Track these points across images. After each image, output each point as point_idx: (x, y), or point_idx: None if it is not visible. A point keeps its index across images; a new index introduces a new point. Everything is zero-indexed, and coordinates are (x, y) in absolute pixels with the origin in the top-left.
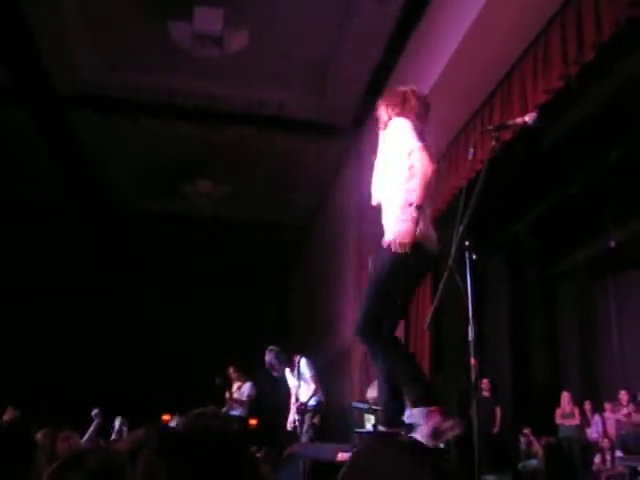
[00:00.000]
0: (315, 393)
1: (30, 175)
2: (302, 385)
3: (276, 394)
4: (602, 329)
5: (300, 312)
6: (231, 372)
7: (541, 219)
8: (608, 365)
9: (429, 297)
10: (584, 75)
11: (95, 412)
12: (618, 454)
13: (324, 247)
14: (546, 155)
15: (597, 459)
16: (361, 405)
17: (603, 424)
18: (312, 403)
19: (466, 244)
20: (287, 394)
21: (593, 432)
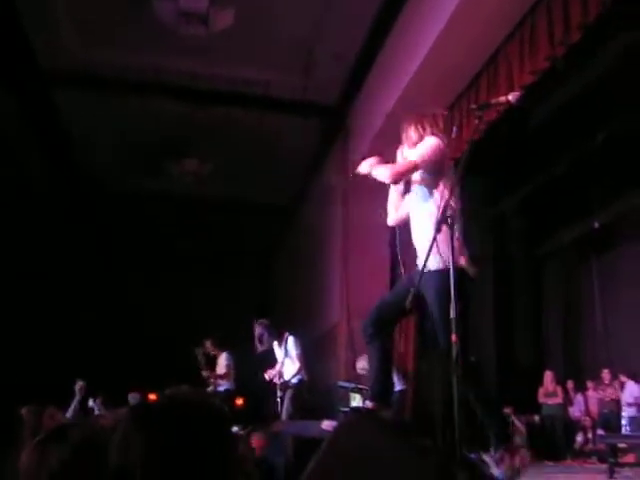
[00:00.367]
0: (299, 372)
1: (12, 155)
2: (287, 362)
3: (262, 371)
4: (586, 309)
5: (284, 293)
6: (209, 347)
7: (527, 199)
8: (591, 344)
9: None
10: (570, 56)
11: (79, 385)
12: (599, 432)
13: (310, 227)
14: (532, 136)
15: (579, 437)
16: (346, 384)
17: (585, 403)
18: (294, 381)
19: (449, 221)
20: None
21: (575, 411)
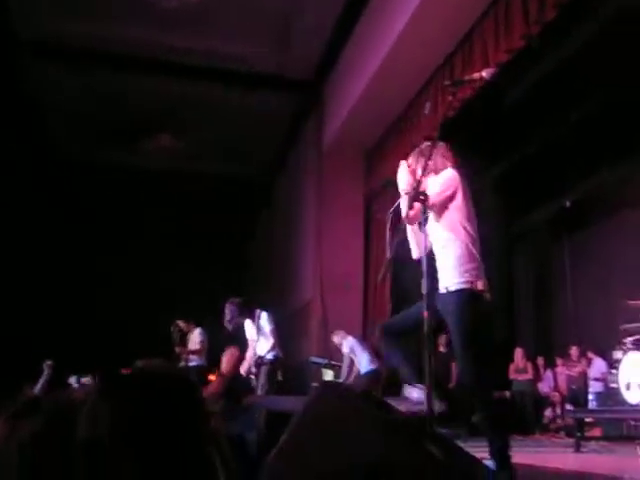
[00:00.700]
0: (273, 348)
1: None
2: (261, 339)
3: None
4: (557, 287)
5: (259, 269)
6: (181, 325)
7: (500, 178)
8: (561, 322)
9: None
10: (545, 35)
11: (47, 363)
12: (568, 407)
13: (284, 202)
14: (506, 115)
15: (548, 412)
16: (319, 360)
17: (555, 379)
18: (269, 357)
19: (421, 198)
20: (245, 346)
21: (545, 386)
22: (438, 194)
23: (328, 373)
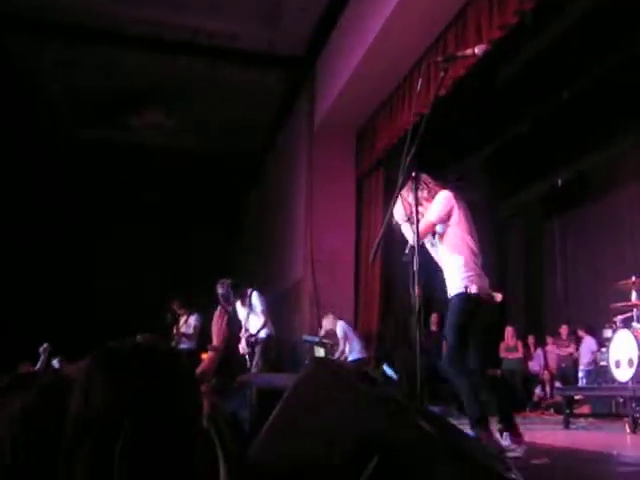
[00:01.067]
0: (264, 325)
1: None
2: (252, 317)
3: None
4: (547, 266)
5: (251, 247)
6: (176, 307)
7: (491, 158)
8: (552, 301)
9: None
10: (538, 11)
11: (43, 347)
12: (557, 385)
13: (276, 180)
14: (498, 93)
15: (538, 390)
16: (311, 338)
17: (545, 357)
18: (262, 336)
19: (412, 174)
20: (237, 327)
21: (535, 365)
22: (438, 213)
23: (320, 351)
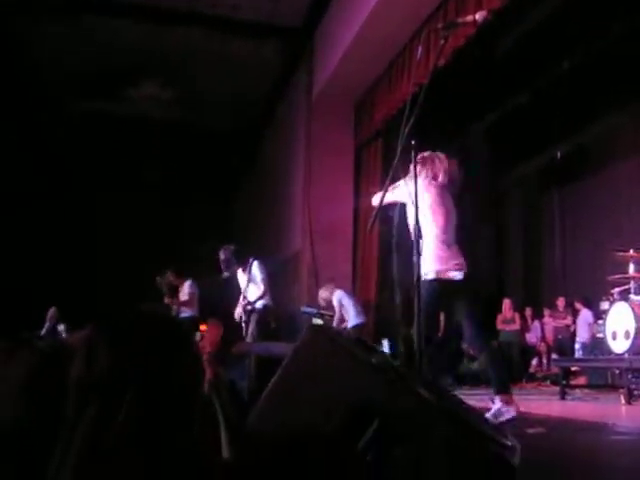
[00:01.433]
0: (263, 295)
1: None
2: (251, 286)
3: (225, 296)
4: (545, 238)
5: (249, 219)
6: (172, 278)
7: (491, 128)
8: (549, 273)
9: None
10: None
11: (50, 312)
12: (554, 357)
13: (274, 152)
14: (498, 64)
15: (535, 362)
16: (310, 309)
17: (542, 329)
18: (259, 306)
19: (412, 143)
20: (237, 294)
21: (532, 337)
22: None
23: (318, 322)
